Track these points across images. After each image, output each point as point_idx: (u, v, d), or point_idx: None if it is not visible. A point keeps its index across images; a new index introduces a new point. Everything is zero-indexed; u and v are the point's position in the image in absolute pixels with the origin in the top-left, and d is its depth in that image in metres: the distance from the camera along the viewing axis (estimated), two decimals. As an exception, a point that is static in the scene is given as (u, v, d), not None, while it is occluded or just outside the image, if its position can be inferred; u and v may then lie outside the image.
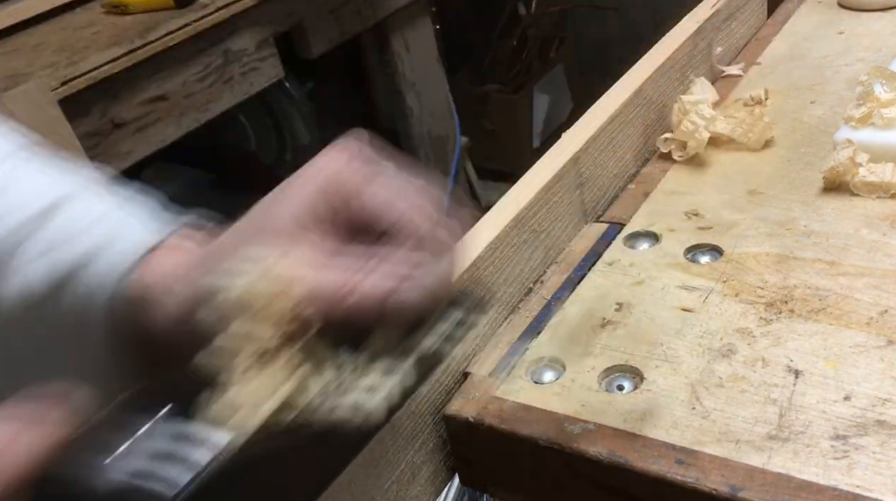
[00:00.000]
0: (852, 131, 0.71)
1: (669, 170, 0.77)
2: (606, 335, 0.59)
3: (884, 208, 0.66)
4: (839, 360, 0.53)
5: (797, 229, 0.66)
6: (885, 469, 0.46)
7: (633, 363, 0.56)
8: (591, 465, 0.50)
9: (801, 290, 0.59)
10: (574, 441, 0.51)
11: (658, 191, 0.74)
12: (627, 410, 0.52)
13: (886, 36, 0.94)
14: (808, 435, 0.49)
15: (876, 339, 0.54)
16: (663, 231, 0.68)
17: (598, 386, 0.55)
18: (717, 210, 0.70)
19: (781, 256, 0.63)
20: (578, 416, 0.53)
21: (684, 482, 0.47)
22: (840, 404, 0.50)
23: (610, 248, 0.68)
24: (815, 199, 0.69)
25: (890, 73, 0.73)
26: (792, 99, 0.85)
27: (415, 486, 0.56)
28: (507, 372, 0.57)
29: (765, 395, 0.52)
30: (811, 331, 0.56)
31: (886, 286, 0.58)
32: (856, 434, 0.48)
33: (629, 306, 0.61)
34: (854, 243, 0.63)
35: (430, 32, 1.93)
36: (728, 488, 0.46)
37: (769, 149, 0.78)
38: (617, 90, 0.78)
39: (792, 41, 0.97)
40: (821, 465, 0.47)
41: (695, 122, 0.77)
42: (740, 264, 0.63)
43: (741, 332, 0.57)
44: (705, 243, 0.66)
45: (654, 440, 0.50)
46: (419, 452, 0.56)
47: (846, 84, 0.85)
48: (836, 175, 0.69)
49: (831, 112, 0.81)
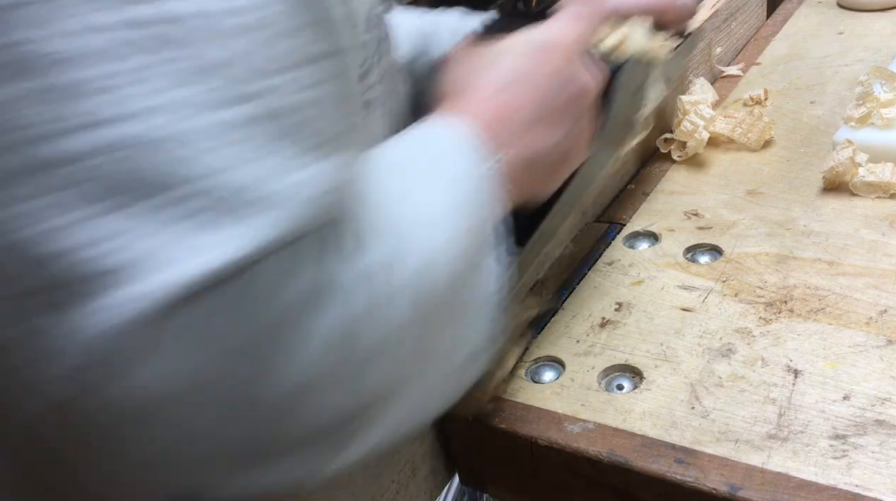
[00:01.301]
0: (852, 131, 0.71)
1: (669, 170, 0.77)
2: (606, 335, 0.59)
3: (883, 208, 0.66)
4: (838, 360, 0.53)
5: (797, 229, 0.66)
6: (883, 468, 0.46)
7: (633, 363, 0.56)
8: (591, 465, 0.51)
9: (800, 290, 0.59)
10: (574, 441, 0.51)
11: (658, 191, 0.74)
12: (627, 410, 0.53)
13: (886, 36, 0.94)
14: (807, 435, 0.49)
15: (875, 339, 0.54)
16: (663, 231, 0.69)
17: (597, 385, 0.55)
18: (717, 210, 0.70)
19: (781, 256, 0.63)
20: (578, 416, 0.53)
21: (684, 481, 0.48)
22: (839, 404, 0.50)
23: (610, 248, 0.68)
24: (814, 199, 0.69)
25: (890, 73, 0.73)
26: (792, 99, 0.85)
27: (414, 485, 0.56)
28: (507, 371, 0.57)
29: (764, 395, 0.52)
30: (810, 331, 0.56)
31: (886, 286, 0.58)
32: (855, 434, 0.48)
33: (629, 306, 0.61)
34: (853, 243, 0.63)
35: (430, 32, 1.92)
36: (727, 487, 0.46)
37: (769, 149, 0.78)
38: (617, 90, 0.78)
39: (791, 41, 0.97)
40: (820, 465, 0.47)
41: (694, 122, 0.77)
42: (740, 264, 0.63)
43: (741, 332, 0.57)
44: (705, 243, 0.66)
45: (654, 439, 0.50)
46: (419, 451, 0.56)
47: (846, 84, 0.86)
48: (835, 175, 0.69)
49: (831, 112, 0.81)
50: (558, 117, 0.50)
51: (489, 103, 0.48)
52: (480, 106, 0.48)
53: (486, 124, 0.47)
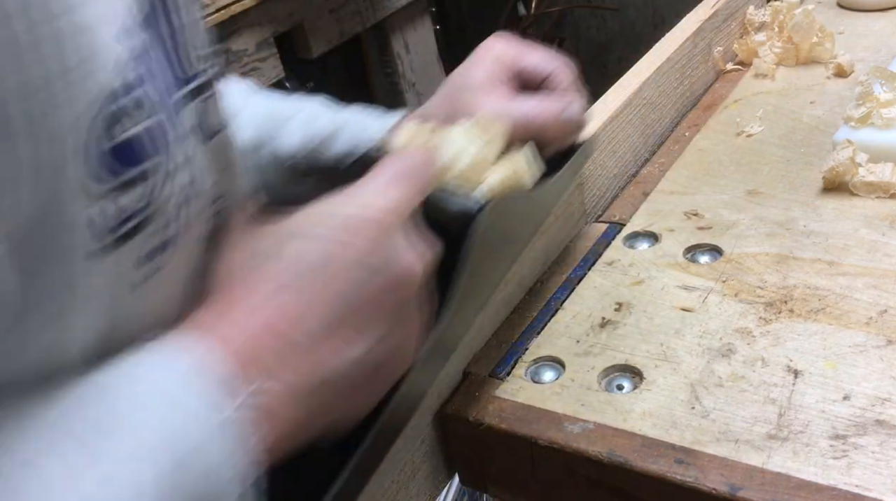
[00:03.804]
0: (852, 131, 0.71)
1: (669, 170, 0.77)
2: (606, 334, 0.59)
3: (883, 208, 0.66)
4: (838, 360, 0.53)
5: (797, 229, 0.66)
6: (884, 468, 0.46)
7: (633, 363, 0.56)
8: (591, 465, 0.50)
9: (800, 290, 0.59)
10: (574, 441, 0.51)
11: (658, 191, 0.74)
12: (627, 410, 0.53)
13: (886, 36, 0.94)
14: (807, 435, 0.49)
15: (875, 339, 0.54)
16: (663, 231, 0.69)
17: (597, 385, 0.55)
18: (717, 210, 0.70)
19: (781, 256, 0.63)
20: (578, 416, 0.53)
21: (684, 481, 0.47)
22: (839, 404, 0.50)
23: (610, 248, 0.68)
24: (814, 199, 0.69)
25: (890, 73, 0.73)
26: (792, 99, 0.85)
27: (414, 485, 0.56)
28: (507, 371, 0.57)
29: (764, 395, 0.52)
30: (810, 331, 0.56)
31: (886, 286, 0.58)
32: (855, 434, 0.48)
33: (629, 306, 0.61)
34: (853, 243, 0.63)
35: (430, 32, 1.93)
36: (727, 487, 0.46)
37: (769, 149, 0.78)
38: (617, 90, 0.78)
39: (792, 41, 0.97)
40: (820, 465, 0.47)
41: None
42: (740, 264, 0.63)
43: (741, 332, 0.57)
44: (705, 243, 0.66)
45: (654, 439, 0.50)
46: (419, 451, 0.56)
47: (846, 84, 0.86)
48: (835, 175, 0.69)
49: (831, 112, 0.81)
50: (364, 319, 0.38)
51: (259, 312, 0.36)
52: (246, 317, 0.36)
53: (248, 343, 0.35)
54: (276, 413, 0.35)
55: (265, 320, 0.36)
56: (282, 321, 0.36)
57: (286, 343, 0.36)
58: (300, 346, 0.36)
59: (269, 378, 0.35)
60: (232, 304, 0.36)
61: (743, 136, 0.80)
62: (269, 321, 0.36)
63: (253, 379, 0.34)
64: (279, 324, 0.36)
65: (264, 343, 0.35)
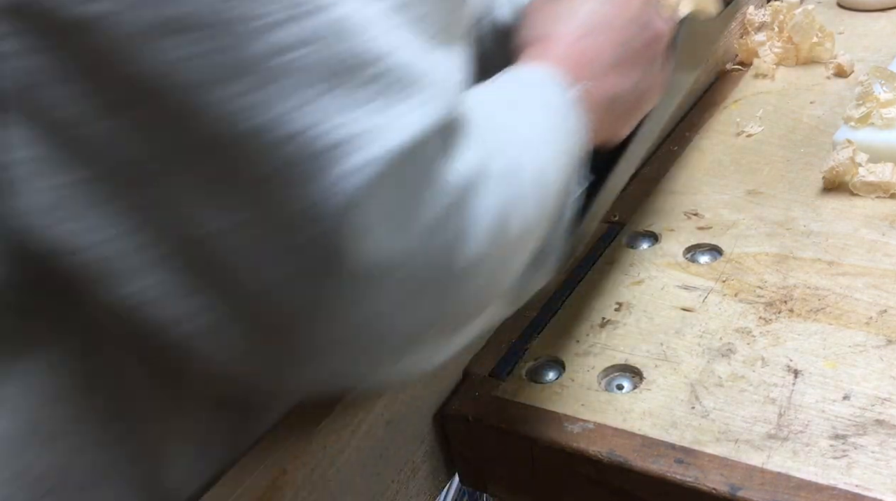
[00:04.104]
0: (852, 131, 0.71)
1: (669, 170, 0.77)
2: (606, 334, 0.59)
3: (883, 208, 0.66)
4: (838, 360, 0.53)
5: (797, 229, 0.66)
6: (883, 468, 0.46)
7: (633, 362, 0.56)
8: (591, 465, 0.51)
9: (800, 290, 0.59)
10: (574, 441, 0.51)
11: (658, 191, 0.74)
12: (627, 410, 0.53)
13: (886, 36, 0.94)
14: (807, 435, 0.49)
15: (875, 339, 0.54)
16: (663, 231, 0.69)
17: (597, 385, 0.55)
18: (717, 210, 0.70)
19: (781, 256, 0.63)
20: (578, 416, 0.53)
21: (684, 481, 0.48)
22: (839, 403, 0.50)
23: (610, 248, 0.68)
24: (814, 199, 0.69)
25: (890, 73, 0.73)
26: (792, 99, 0.86)
27: (414, 485, 0.56)
28: (507, 371, 0.57)
29: (764, 395, 0.52)
30: (810, 331, 0.56)
31: (885, 286, 0.58)
32: (855, 434, 0.48)
33: (629, 306, 0.61)
34: (853, 243, 0.63)
35: None
36: (727, 487, 0.46)
37: (769, 149, 0.78)
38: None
39: (792, 41, 0.97)
40: (820, 464, 0.47)
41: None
42: (740, 264, 0.63)
43: (740, 332, 0.57)
44: (705, 243, 0.66)
45: (654, 439, 0.50)
46: (419, 451, 0.56)
47: (846, 84, 0.86)
48: (835, 175, 0.69)
49: (831, 112, 0.81)
50: (635, 61, 0.53)
51: (571, 49, 0.50)
52: (563, 51, 0.50)
53: (569, 67, 0.49)
54: (593, 109, 0.49)
55: (577, 54, 0.50)
56: (588, 55, 0.51)
57: (593, 69, 0.50)
58: (601, 73, 0.51)
59: (588, 88, 0.49)
60: (550, 48, 0.51)
61: (743, 136, 0.80)
62: (580, 54, 0.50)
63: (580, 82, 0.48)
64: (587, 57, 0.50)
65: (580, 69, 0.49)
